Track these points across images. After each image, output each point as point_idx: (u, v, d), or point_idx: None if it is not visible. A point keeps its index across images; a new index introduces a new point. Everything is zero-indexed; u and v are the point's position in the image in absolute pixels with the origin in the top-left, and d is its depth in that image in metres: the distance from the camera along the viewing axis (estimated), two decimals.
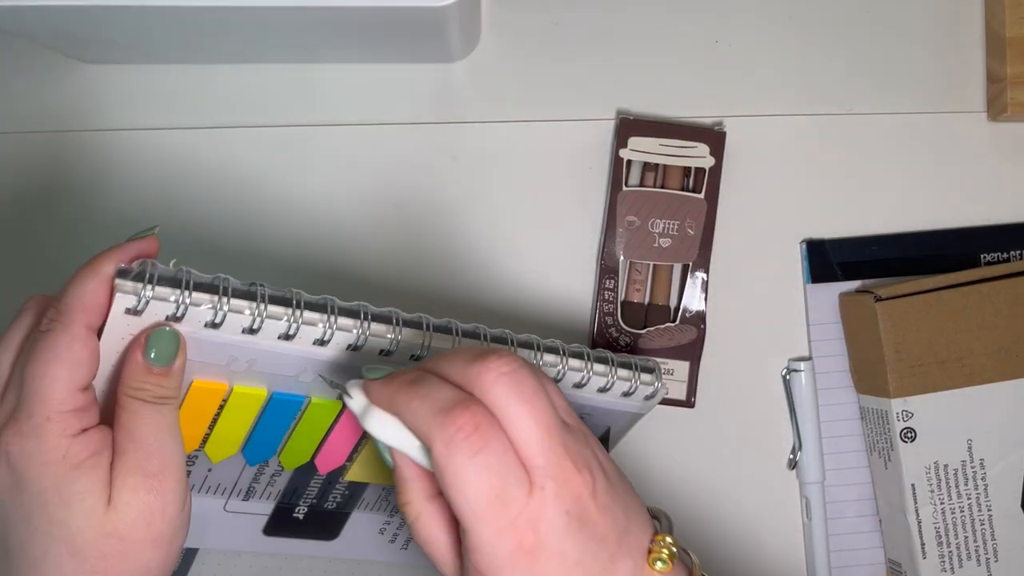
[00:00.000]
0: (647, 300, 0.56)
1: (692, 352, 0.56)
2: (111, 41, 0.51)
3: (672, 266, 0.56)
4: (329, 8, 0.44)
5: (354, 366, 0.41)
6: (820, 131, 0.57)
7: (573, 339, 0.57)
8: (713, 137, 0.55)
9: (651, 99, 0.57)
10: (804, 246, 0.57)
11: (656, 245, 0.55)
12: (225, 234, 0.56)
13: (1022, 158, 0.58)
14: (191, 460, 0.45)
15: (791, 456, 0.57)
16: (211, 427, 0.43)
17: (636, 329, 0.55)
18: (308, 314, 0.40)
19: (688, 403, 0.56)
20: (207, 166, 0.56)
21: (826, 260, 0.56)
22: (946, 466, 0.53)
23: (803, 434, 0.56)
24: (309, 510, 0.50)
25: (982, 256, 0.57)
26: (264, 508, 0.49)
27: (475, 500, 0.35)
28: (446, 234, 0.56)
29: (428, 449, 0.36)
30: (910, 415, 0.53)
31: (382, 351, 0.41)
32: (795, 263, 0.57)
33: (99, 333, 0.38)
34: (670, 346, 0.56)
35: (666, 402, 0.55)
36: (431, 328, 0.42)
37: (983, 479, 0.53)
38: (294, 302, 0.39)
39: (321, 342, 0.40)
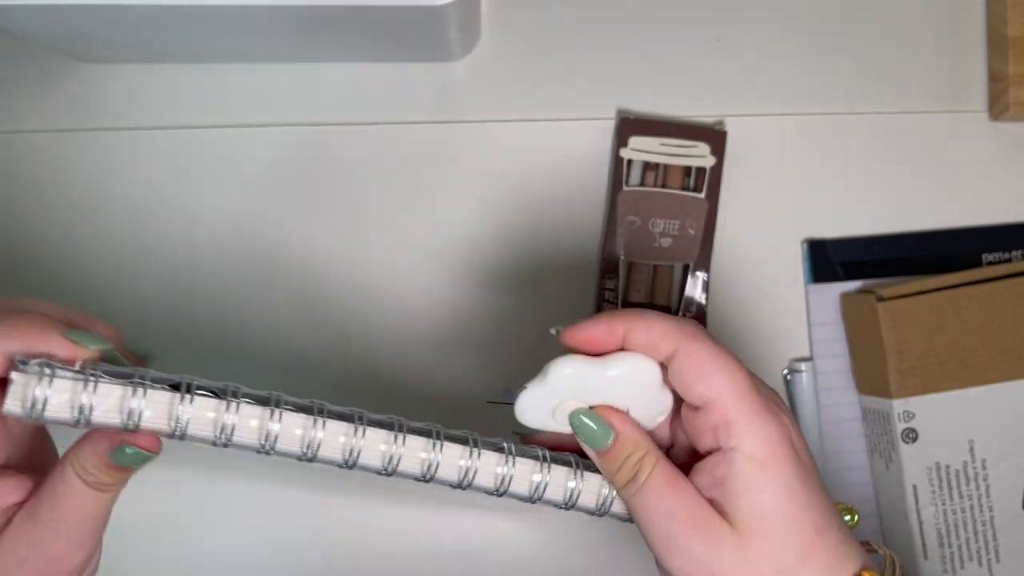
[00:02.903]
0: (648, 300, 0.56)
1: None
2: (111, 40, 0.51)
3: (673, 266, 0.56)
4: (328, 7, 0.44)
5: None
6: (822, 130, 0.57)
7: None
8: (714, 136, 0.55)
9: (652, 98, 0.57)
10: (805, 246, 0.57)
11: (657, 245, 0.55)
12: (224, 232, 0.56)
13: None
14: None
15: None
16: None
17: None
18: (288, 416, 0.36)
19: None
20: (206, 165, 0.56)
21: (827, 260, 0.56)
22: (948, 467, 0.53)
23: (804, 435, 0.56)
24: None
25: (984, 256, 0.57)
26: None
27: (740, 374, 0.36)
28: (445, 234, 0.56)
29: (663, 364, 0.38)
30: (912, 416, 0.53)
31: (379, 471, 0.38)
32: (796, 263, 0.57)
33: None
34: None
35: None
36: (478, 444, 0.38)
37: (985, 480, 0.53)
38: (272, 410, 0.36)
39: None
